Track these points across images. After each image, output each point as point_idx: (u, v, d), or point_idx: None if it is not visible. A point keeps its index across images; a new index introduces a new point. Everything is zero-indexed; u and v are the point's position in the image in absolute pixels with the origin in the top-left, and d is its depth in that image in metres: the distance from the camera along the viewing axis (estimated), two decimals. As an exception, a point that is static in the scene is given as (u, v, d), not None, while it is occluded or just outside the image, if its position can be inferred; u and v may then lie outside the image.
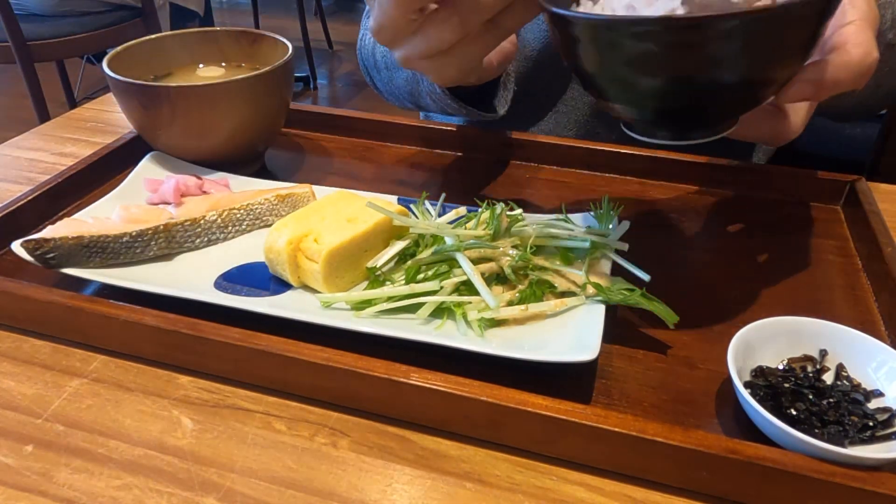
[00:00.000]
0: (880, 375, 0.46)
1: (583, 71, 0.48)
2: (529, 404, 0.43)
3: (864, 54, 0.48)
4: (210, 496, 0.42)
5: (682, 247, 0.64)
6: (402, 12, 0.50)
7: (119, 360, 0.52)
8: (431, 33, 0.51)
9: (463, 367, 0.46)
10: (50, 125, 0.88)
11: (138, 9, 2.13)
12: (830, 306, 0.57)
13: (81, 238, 0.55)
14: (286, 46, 0.74)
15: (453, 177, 0.76)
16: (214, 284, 0.55)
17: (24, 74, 1.93)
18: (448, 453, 0.45)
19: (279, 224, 0.56)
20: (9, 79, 3.15)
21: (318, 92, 3.47)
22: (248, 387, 0.49)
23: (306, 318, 0.50)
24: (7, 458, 0.44)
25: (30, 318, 0.54)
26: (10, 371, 0.51)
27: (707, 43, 0.42)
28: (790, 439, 0.41)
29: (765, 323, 0.48)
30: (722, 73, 0.44)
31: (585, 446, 0.43)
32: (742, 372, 0.46)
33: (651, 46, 0.42)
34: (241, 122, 0.70)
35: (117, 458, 0.44)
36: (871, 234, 0.61)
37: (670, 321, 0.50)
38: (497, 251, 0.54)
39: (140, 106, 0.68)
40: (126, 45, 0.74)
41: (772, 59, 0.44)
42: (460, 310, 0.51)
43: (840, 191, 0.70)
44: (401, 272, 0.55)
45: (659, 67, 0.44)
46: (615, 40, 0.44)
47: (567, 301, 0.52)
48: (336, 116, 0.84)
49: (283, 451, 0.45)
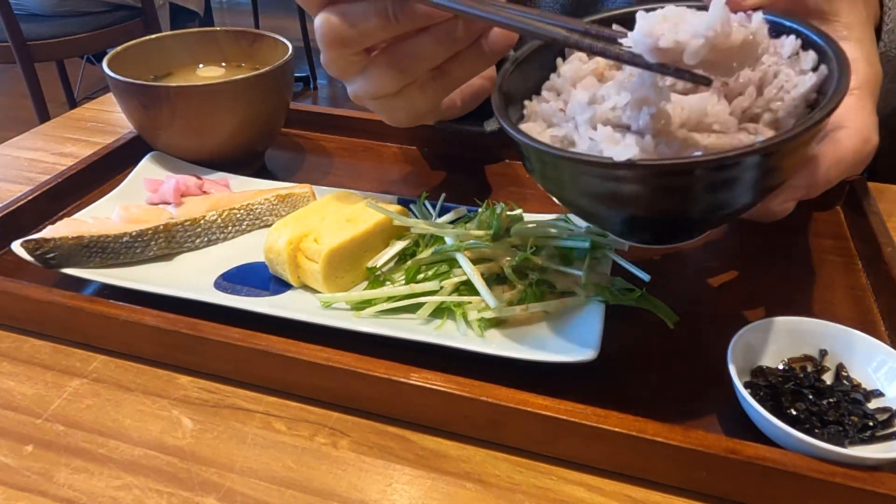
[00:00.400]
0: (880, 375, 0.46)
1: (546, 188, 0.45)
2: (529, 404, 0.43)
3: (862, 143, 0.44)
4: (210, 496, 0.42)
5: (682, 247, 0.64)
6: (337, 54, 0.49)
7: (119, 360, 0.52)
8: (373, 76, 0.50)
9: (463, 367, 0.46)
10: (50, 125, 0.88)
11: (138, 9, 2.13)
12: (830, 306, 0.57)
13: (81, 238, 0.55)
14: (286, 46, 0.74)
15: (453, 177, 0.76)
16: (214, 284, 0.55)
17: (24, 74, 1.93)
18: (448, 453, 0.45)
19: (279, 224, 0.56)
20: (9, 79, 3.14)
21: (318, 92, 3.47)
22: (248, 387, 0.49)
23: (306, 318, 0.50)
24: (7, 458, 0.44)
25: (30, 318, 0.54)
26: (10, 371, 0.51)
27: (671, 185, 0.39)
28: (790, 439, 0.41)
29: (765, 323, 0.48)
30: (684, 211, 0.41)
31: (585, 446, 0.43)
32: (742, 372, 0.46)
33: (613, 186, 0.39)
34: (241, 122, 0.70)
35: (117, 458, 0.44)
36: (871, 234, 0.61)
37: (670, 321, 0.50)
38: (497, 251, 0.54)
39: (140, 106, 0.68)
40: (126, 45, 0.74)
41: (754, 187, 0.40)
42: (460, 310, 0.51)
43: (840, 191, 0.70)
44: (401, 272, 0.55)
45: (624, 203, 0.41)
46: (578, 178, 0.41)
47: (567, 301, 0.52)
48: (336, 116, 0.84)
49: (283, 451, 0.45)
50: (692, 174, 0.37)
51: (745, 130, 0.40)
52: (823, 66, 0.40)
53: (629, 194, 0.40)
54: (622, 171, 0.37)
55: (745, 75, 0.40)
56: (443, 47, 0.48)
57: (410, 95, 0.51)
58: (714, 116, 0.39)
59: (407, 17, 0.46)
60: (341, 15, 0.47)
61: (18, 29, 1.85)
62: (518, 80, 0.48)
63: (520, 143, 0.41)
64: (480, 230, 0.56)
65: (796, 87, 0.40)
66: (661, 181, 0.38)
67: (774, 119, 0.40)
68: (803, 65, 0.41)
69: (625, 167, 0.37)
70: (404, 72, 0.49)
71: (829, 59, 0.40)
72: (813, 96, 0.40)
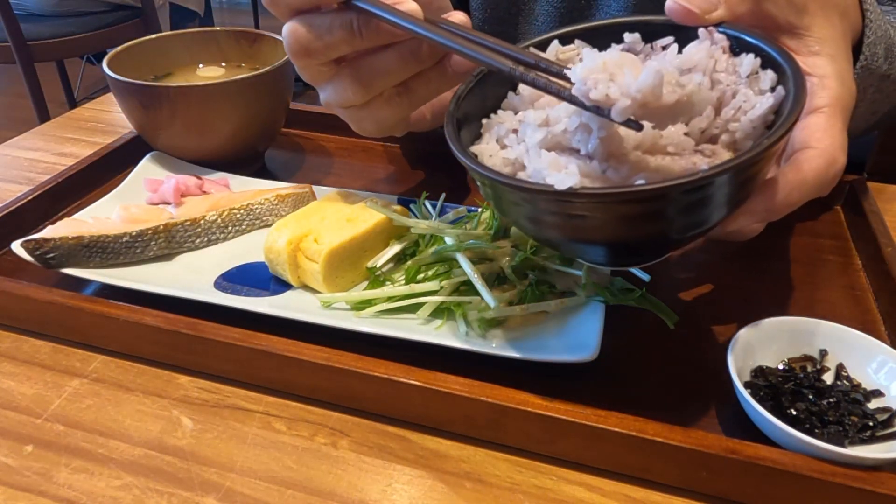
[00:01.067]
0: (880, 375, 0.46)
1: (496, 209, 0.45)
2: (529, 404, 0.43)
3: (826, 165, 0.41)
4: (210, 496, 0.42)
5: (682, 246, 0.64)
6: (304, 64, 0.50)
7: (119, 360, 0.52)
8: (340, 88, 0.51)
9: (463, 367, 0.46)
10: (50, 125, 0.88)
11: (138, 9, 2.13)
12: (830, 306, 0.57)
13: (81, 238, 0.55)
14: (286, 46, 0.74)
15: (453, 177, 0.76)
16: (214, 284, 0.55)
17: (24, 74, 1.93)
18: (448, 453, 0.45)
19: (279, 224, 0.56)
20: (9, 79, 3.15)
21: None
22: (248, 387, 0.49)
23: (306, 318, 0.50)
24: (7, 458, 0.44)
25: (30, 318, 0.54)
26: (10, 371, 0.51)
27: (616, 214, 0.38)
28: (790, 439, 0.41)
29: (765, 323, 0.48)
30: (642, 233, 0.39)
31: (585, 446, 0.43)
32: (742, 372, 0.46)
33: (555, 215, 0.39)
34: (241, 122, 0.70)
35: (117, 458, 0.44)
36: (871, 234, 0.61)
37: (670, 321, 0.50)
38: (497, 251, 0.54)
39: (140, 106, 0.68)
40: (126, 45, 0.74)
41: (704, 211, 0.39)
42: (460, 310, 0.51)
43: (840, 191, 0.70)
44: (401, 272, 0.55)
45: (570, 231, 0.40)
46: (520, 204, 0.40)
47: (567, 301, 0.52)
48: (336, 116, 0.84)
49: (283, 451, 0.45)
50: (634, 203, 0.36)
51: (700, 153, 0.39)
52: (780, 86, 0.39)
53: (573, 221, 0.39)
54: (563, 200, 0.37)
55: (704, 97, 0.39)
56: (406, 65, 0.49)
57: (377, 107, 0.52)
58: (669, 138, 0.38)
59: (371, 33, 0.47)
60: (307, 25, 0.48)
61: (18, 29, 1.85)
62: (478, 97, 0.47)
63: (466, 167, 0.41)
64: (480, 230, 0.56)
65: (754, 109, 0.38)
66: (602, 210, 0.37)
67: (732, 140, 0.39)
68: (762, 84, 0.40)
69: (565, 196, 0.36)
70: (368, 86, 0.50)
71: (787, 79, 0.39)
72: (771, 117, 0.39)
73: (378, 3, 0.46)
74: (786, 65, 0.40)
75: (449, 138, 0.43)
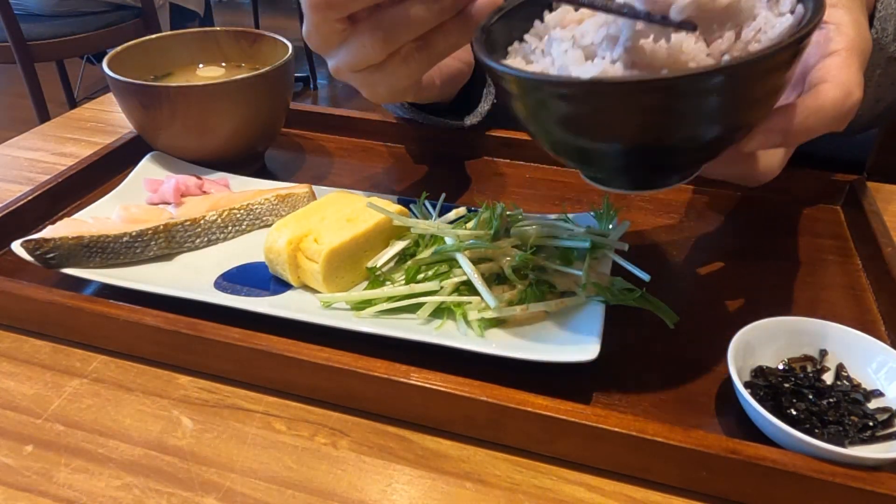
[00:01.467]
0: (880, 375, 0.46)
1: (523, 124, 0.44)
2: (529, 404, 0.43)
3: (843, 96, 0.43)
4: (210, 496, 0.42)
5: (682, 247, 0.64)
6: (321, 18, 0.48)
7: (119, 360, 0.52)
8: (356, 45, 0.49)
9: (463, 367, 0.46)
10: (50, 125, 0.88)
11: (138, 9, 2.13)
12: (830, 306, 0.57)
13: (81, 238, 0.55)
14: (286, 46, 0.74)
15: (453, 177, 0.76)
16: (214, 284, 0.55)
17: (24, 74, 1.93)
18: (448, 453, 0.45)
19: (279, 224, 0.56)
20: (9, 79, 3.15)
21: (318, 92, 3.47)
22: (248, 387, 0.49)
23: (306, 318, 0.50)
24: (7, 458, 0.44)
25: (30, 318, 0.54)
26: (10, 371, 0.51)
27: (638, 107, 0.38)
28: (790, 439, 0.41)
29: (765, 323, 0.48)
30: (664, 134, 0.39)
31: (585, 446, 0.43)
32: (742, 372, 0.46)
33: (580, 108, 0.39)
34: (241, 122, 0.70)
35: (117, 458, 0.44)
36: (871, 234, 0.61)
37: (670, 321, 0.50)
38: (497, 251, 0.54)
39: (140, 106, 0.68)
40: (126, 45, 0.74)
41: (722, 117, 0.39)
42: (460, 310, 0.51)
43: (840, 191, 0.70)
44: (401, 272, 0.55)
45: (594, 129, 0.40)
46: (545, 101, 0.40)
47: (567, 301, 0.52)
48: (336, 116, 0.84)
49: (283, 451, 0.45)
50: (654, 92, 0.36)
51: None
52: (800, 5, 0.40)
53: (596, 118, 0.39)
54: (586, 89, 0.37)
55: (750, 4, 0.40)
56: (430, 14, 0.47)
57: (392, 67, 0.50)
58: (690, 54, 0.39)
59: None
60: None
61: (18, 29, 1.84)
62: (503, 30, 0.47)
63: (492, 70, 0.41)
64: (480, 230, 0.56)
65: (773, 28, 0.39)
66: (624, 100, 0.37)
67: None
68: (781, 7, 0.41)
69: (588, 85, 0.37)
70: (388, 40, 0.48)
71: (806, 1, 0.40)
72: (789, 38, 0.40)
73: None
74: None
75: (477, 47, 0.44)
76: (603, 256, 0.55)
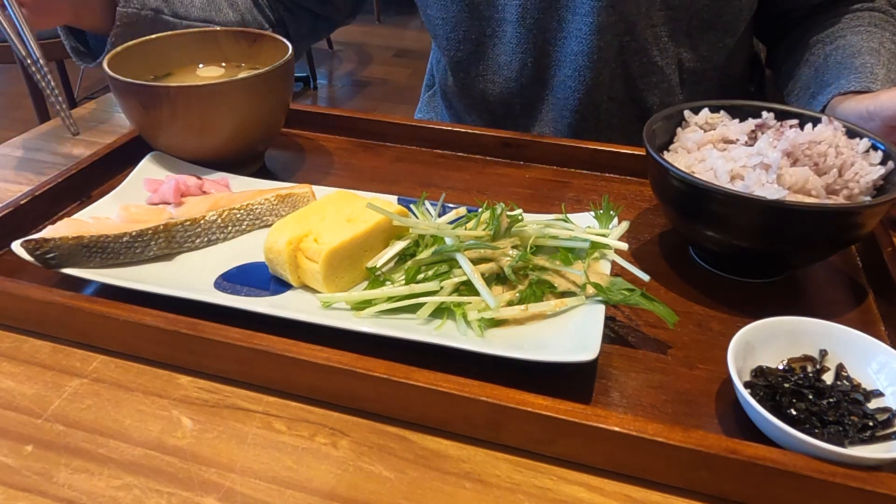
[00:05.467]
0: (880, 375, 0.46)
1: (684, 214, 0.58)
2: (529, 404, 0.43)
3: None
4: (210, 496, 0.42)
5: (683, 247, 0.64)
6: None
7: (119, 360, 0.52)
8: None
9: (463, 367, 0.46)
10: (50, 125, 0.88)
11: (138, 9, 2.12)
12: (830, 306, 0.57)
13: (81, 238, 0.55)
14: (286, 46, 0.74)
15: (453, 177, 0.76)
16: (214, 284, 0.55)
17: (24, 74, 1.93)
18: (448, 453, 0.45)
19: (279, 224, 0.56)
20: (9, 79, 3.15)
21: (318, 92, 3.47)
22: (248, 387, 0.49)
23: (306, 318, 0.50)
24: (7, 458, 0.44)
25: (30, 318, 0.54)
26: (10, 371, 0.51)
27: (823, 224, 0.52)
28: (790, 439, 0.41)
29: (765, 323, 0.48)
30: (798, 243, 0.54)
31: (585, 446, 0.43)
32: (742, 372, 0.46)
33: (765, 220, 0.52)
34: (241, 122, 0.70)
35: (117, 458, 0.44)
36: (871, 235, 0.61)
37: (670, 321, 0.50)
38: (497, 251, 0.54)
39: (140, 106, 0.68)
40: (126, 45, 0.74)
41: (840, 234, 0.54)
42: (460, 310, 0.51)
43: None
44: (401, 272, 0.55)
45: (751, 236, 0.54)
46: (738, 213, 0.53)
47: (567, 301, 0.52)
48: (336, 116, 0.84)
49: (283, 451, 0.45)
50: (845, 215, 0.52)
51: (831, 199, 0.55)
52: (891, 162, 0.55)
53: (766, 227, 0.53)
54: (767, 206, 0.51)
55: (830, 163, 0.55)
56: None
57: None
58: (812, 184, 0.54)
59: None
60: None
61: (18, 29, 1.84)
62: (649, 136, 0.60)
63: (688, 182, 0.54)
64: (480, 230, 0.56)
65: (868, 174, 0.55)
66: (808, 218, 0.51)
67: (850, 195, 0.55)
68: (872, 160, 0.56)
69: (775, 204, 0.51)
70: None
71: (893, 157, 0.56)
72: (880, 182, 0.55)
73: None
74: (889, 149, 0.56)
75: (649, 145, 0.58)
76: (603, 256, 0.56)
